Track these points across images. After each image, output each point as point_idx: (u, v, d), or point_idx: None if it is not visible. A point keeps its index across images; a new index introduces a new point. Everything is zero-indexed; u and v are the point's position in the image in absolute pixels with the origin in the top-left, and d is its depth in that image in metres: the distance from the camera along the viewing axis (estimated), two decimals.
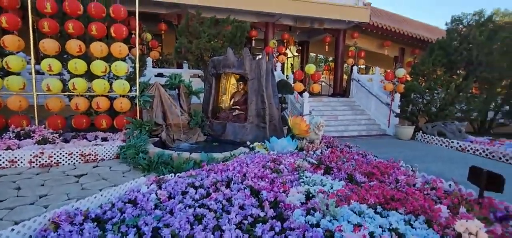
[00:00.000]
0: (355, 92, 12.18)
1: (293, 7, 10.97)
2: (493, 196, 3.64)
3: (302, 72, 9.49)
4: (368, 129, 10.34)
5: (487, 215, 3.35)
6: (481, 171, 3.81)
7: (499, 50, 9.48)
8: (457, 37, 9.88)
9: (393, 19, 15.47)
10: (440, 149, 8.41)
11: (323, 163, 4.74)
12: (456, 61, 9.76)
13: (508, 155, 7.09)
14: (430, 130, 9.57)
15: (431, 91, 9.99)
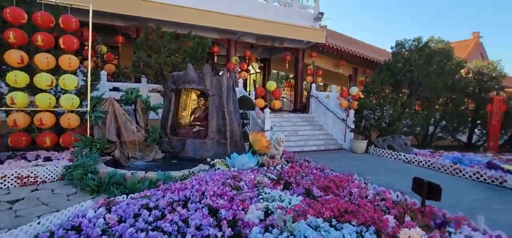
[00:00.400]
0: (314, 109, 12.73)
1: (255, 26, 11.29)
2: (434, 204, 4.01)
3: (264, 89, 9.71)
4: (326, 144, 10.81)
5: (429, 222, 3.65)
6: (423, 182, 4.17)
7: (435, 72, 10.69)
8: (401, 60, 10.97)
9: (347, 41, 16.68)
10: (390, 161, 9.08)
11: (282, 178, 4.82)
12: (401, 81, 10.77)
13: (445, 166, 7.89)
14: (381, 143, 10.31)
15: (381, 108, 10.85)
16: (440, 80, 10.84)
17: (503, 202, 5.44)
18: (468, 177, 7.24)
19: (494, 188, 6.50)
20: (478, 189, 6.32)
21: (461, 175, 7.41)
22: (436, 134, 13.80)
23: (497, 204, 5.31)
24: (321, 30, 12.39)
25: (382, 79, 11.03)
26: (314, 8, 12.75)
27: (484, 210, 4.95)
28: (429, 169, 8.23)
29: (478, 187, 6.51)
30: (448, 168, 7.76)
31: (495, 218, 4.61)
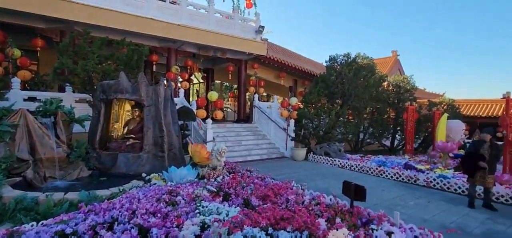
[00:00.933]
0: (257, 119, 13.00)
1: (196, 36, 11.12)
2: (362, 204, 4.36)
3: (205, 99, 9.55)
4: (269, 152, 11.08)
5: (356, 222, 3.95)
6: (351, 185, 4.52)
7: (362, 85, 11.95)
8: (334, 73, 11.98)
9: (287, 54, 17.60)
10: (326, 167, 9.73)
11: (222, 190, 4.73)
12: (334, 93, 11.74)
13: (372, 169, 8.76)
14: (319, 150, 11.01)
15: (318, 117, 11.61)
16: (366, 92, 12.14)
17: (416, 198, 6.25)
18: (390, 178, 8.16)
19: (410, 186, 7.44)
20: (398, 187, 7.16)
21: (385, 176, 8.31)
22: (366, 140, 15.32)
23: (412, 200, 6.07)
24: (263, 43, 12.83)
25: (318, 90, 11.86)
26: (255, 21, 13.16)
27: (401, 206, 5.61)
28: (359, 172, 9.05)
29: (398, 186, 7.37)
30: (374, 171, 8.63)
31: (410, 212, 5.24)
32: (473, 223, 4.79)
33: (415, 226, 3.75)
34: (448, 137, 13.06)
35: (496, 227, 4.66)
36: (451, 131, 13.01)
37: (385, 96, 15.28)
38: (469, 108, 24.14)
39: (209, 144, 8.40)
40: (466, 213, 5.32)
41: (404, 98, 15.98)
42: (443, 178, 7.12)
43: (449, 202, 6.02)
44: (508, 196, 6.00)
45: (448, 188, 6.92)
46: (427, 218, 5.01)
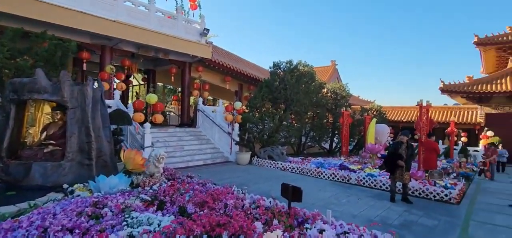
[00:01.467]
0: (201, 123, 12.69)
1: (134, 34, 10.39)
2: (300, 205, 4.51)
3: (143, 102, 8.93)
4: (213, 157, 10.88)
5: (292, 222, 4.07)
6: (288, 187, 4.66)
7: (303, 91, 12.60)
8: (277, 79, 12.38)
9: (233, 58, 17.65)
10: (269, 170, 9.94)
11: (157, 198, 4.44)
12: (278, 98, 12.13)
13: (311, 170, 9.23)
14: (262, 154, 11.20)
15: (262, 122, 11.83)
16: (307, 98, 12.83)
17: (348, 195, 6.75)
18: (327, 178, 8.70)
19: (343, 185, 8.02)
20: (333, 187, 7.66)
21: (322, 177, 8.83)
22: (307, 143, 16.15)
23: (344, 198, 6.54)
24: (207, 46, 12.63)
25: (262, 95, 12.12)
26: (200, 23, 12.88)
27: (335, 204, 5.99)
28: (300, 174, 9.45)
29: (333, 185, 7.88)
30: (313, 172, 9.11)
31: (342, 210, 5.62)
32: (393, 216, 5.35)
33: (344, 222, 4.00)
34: (376, 139, 14.56)
35: (410, 218, 5.28)
36: (379, 134, 14.54)
37: (324, 102, 16.37)
38: (394, 114, 27.38)
39: (147, 150, 7.86)
40: (388, 207, 5.92)
41: (340, 104, 17.34)
42: (371, 176, 7.87)
43: (375, 198, 6.64)
44: (421, 190, 6.89)
45: (375, 185, 7.65)
46: (356, 213, 5.43)
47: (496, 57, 22.33)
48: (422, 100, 9.71)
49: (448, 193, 6.50)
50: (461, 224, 5.09)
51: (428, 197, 6.76)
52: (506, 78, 18.85)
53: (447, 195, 6.51)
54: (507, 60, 21.37)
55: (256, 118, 11.72)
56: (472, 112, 23.93)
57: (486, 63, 23.91)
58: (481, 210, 6.04)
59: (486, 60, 23.22)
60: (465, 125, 23.75)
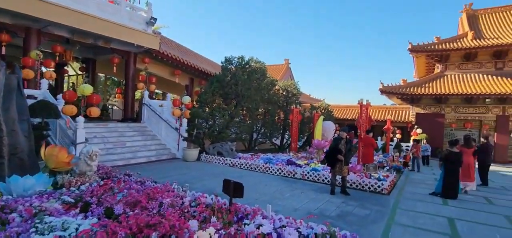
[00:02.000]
0: (147, 118, 11.94)
1: (68, 17, 9.27)
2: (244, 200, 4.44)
3: (75, 93, 8.02)
4: (159, 154, 10.31)
5: (232, 219, 3.98)
6: (230, 183, 4.56)
7: (255, 87, 12.65)
8: (228, 74, 12.21)
9: (184, 51, 16.97)
10: (218, 167, 9.76)
11: (82, 199, 3.98)
12: (229, 93, 11.96)
13: (259, 166, 9.29)
14: (212, 150, 10.97)
15: (213, 117, 11.57)
16: (258, 94, 12.90)
17: (292, 190, 6.93)
18: (274, 173, 8.84)
19: (289, 179, 8.23)
20: (279, 182, 7.80)
21: (270, 172, 8.95)
22: (258, 139, 16.31)
23: (288, 192, 6.69)
24: (155, 36, 11.89)
25: (213, 90, 11.85)
26: (146, 11, 12.05)
27: (279, 199, 6.08)
28: (248, 170, 9.46)
29: (279, 180, 8.03)
30: (261, 168, 9.18)
31: (284, 203, 5.72)
32: (331, 207, 5.61)
33: (283, 216, 4.04)
34: (323, 136, 15.32)
35: (347, 209, 5.59)
36: (325, 131, 15.32)
37: (276, 99, 16.70)
38: (340, 112, 29.27)
39: (80, 147, 7.08)
40: (328, 199, 6.21)
41: (291, 101, 17.87)
42: (315, 171, 8.20)
43: (317, 191, 6.93)
44: (358, 183, 7.39)
45: (318, 179, 8.00)
46: (298, 207, 5.57)
47: (426, 63, 25.19)
48: (362, 100, 10.45)
49: (381, 185, 7.07)
50: (389, 212, 5.55)
51: (364, 189, 7.27)
52: (433, 82, 21.36)
53: (379, 187, 7.08)
54: (435, 66, 24.26)
55: (206, 113, 11.41)
56: (405, 111, 26.73)
57: (418, 68, 26.85)
58: (407, 199, 6.69)
59: (418, 65, 26.06)
60: (400, 123, 26.42)
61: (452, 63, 22.39)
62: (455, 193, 6.93)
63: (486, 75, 20.46)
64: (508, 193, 8.37)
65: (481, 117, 20.28)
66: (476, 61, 21.54)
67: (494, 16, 24.37)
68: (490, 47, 19.87)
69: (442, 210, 5.94)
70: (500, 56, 20.55)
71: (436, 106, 21.27)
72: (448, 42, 21.61)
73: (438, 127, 20.50)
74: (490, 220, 5.42)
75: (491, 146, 9.21)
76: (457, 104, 20.71)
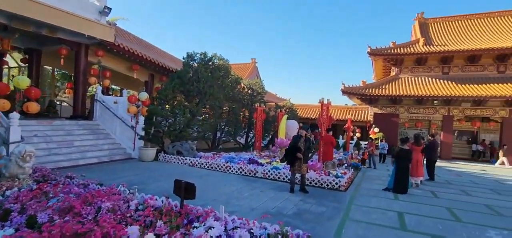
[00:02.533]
0: (100, 115, 11.06)
1: (3, 0, 8.20)
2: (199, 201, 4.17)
3: (8, 86, 7.07)
4: (111, 154, 9.57)
5: (181, 222, 3.71)
6: (181, 183, 4.27)
7: (218, 84, 12.33)
8: (190, 71, 11.75)
9: (144, 45, 16.08)
10: (176, 167, 9.31)
11: (2, 207, 3.43)
12: (190, 90, 11.51)
13: (220, 165, 9.03)
14: (171, 149, 10.46)
15: (174, 115, 11.04)
16: (222, 92, 12.61)
17: (251, 189, 6.79)
18: (235, 173, 8.65)
19: (250, 178, 8.08)
20: (239, 181, 7.61)
21: (230, 172, 8.73)
22: (222, 138, 16.01)
23: (247, 191, 6.53)
24: (109, 27, 11.01)
25: (173, 87, 11.32)
26: (99, 0, 11.13)
27: (236, 199, 5.89)
28: (209, 169, 9.15)
29: (240, 179, 7.85)
30: (222, 167, 8.93)
31: (242, 203, 5.55)
32: (289, 206, 5.56)
33: (236, 217, 3.87)
34: (287, 135, 15.45)
35: (304, 207, 5.58)
36: (289, 129, 15.46)
37: (240, 97, 16.52)
38: (304, 111, 29.99)
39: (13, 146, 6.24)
40: (287, 198, 6.16)
41: (256, 100, 17.82)
42: (276, 169, 8.15)
43: (277, 189, 6.86)
44: (317, 180, 7.47)
45: (279, 178, 7.96)
46: (256, 206, 5.43)
47: (383, 66, 26.75)
48: (323, 99, 10.66)
49: (338, 182, 7.21)
50: (344, 208, 5.64)
51: (323, 186, 7.38)
52: (389, 84, 22.71)
53: (337, 184, 7.22)
54: (391, 69, 25.85)
55: (165, 111, 10.86)
56: (365, 111, 28.16)
57: (376, 71, 28.43)
58: (362, 195, 6.90)
59: (376, 68, 27.59)
60: (360, 122, 27.79)
61: (406, 67, 24.00)
62: (406, 188, 7.31)
63: (435, 79, 22.24)
64: (451, 186, 9.07)
65: (430, 118, 22.00)
66: (426, 65, 23.33)
67: (443, 25, 26.64)
68: (438, 53, 21.63)
69: (393, 204, 6.20)
70: (446, 61, 22.47)
71: (392, 107, 22.64)
72: (402, 47, 23.12)
73: (393, 126, 21.86)
74: (435, 212, 5.75)
75: (437, 143, 9.92)
76: (409, 105, 22.23)
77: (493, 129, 21.53)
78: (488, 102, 20.05)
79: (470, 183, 10.19)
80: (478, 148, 22.15)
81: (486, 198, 7.53)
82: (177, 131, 11.04)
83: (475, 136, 22.89)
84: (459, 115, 20.99)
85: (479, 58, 21.52)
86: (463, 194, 7.89)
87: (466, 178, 11.65)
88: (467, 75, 21.91)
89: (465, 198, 7.35)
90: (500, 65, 21.26)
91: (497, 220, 5.52)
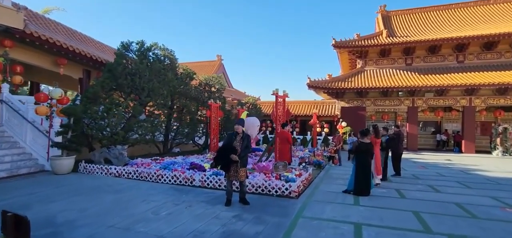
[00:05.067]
0: (7, 119, 8.94)
1: None
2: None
3: None
4: (15, 167, 7.58)
5: None
6: (6, 216, 2.69)
7: (159, 79, 10.58)
8: (123, 63, 9.93)
9: (76, 37, 13.89)
10: (99, 178, 7.54)
11: None
12: (122, 86, 9.70)
13: (150, 174, 7.39)
14: (98, 157, 8.65)
15: (102, 116, 9.19)
16: (165, 87, 10.89)
17: (177, 204, 5.27)
18: (168, 182, 7.07)
19: (184, 188, 6.54)
20: (167, 194, 6.06)
21: (163, 181, 7.14)
22: (176, 140, 14.24)
23: (168, 208, 5.00)
24: (14, 11, 8.91)
25: (103, 82, 9.47)
26: None
27: (147, 221, 4.34)
28: (138, 179, 7.47)
29: (170, 191, 6.29)
30: (152, 176, 7.30)
31: (149, 229, 4.02)
32: (214, 227, 4.13)
33: None
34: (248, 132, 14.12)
35: (235, 226, 4.18)
36: (249, 127, 14.02)
37: (195, 94, 14.86)
38: (269, 107, 28.75)
39: None
40: (217, 214, 4.73)
41: (215, 97, 16.23)
42: (217, 175, 6.70)
43: (210, 202, 5.41)
44: (264, 186, 6.12)
45: (220, 186, 6.52)
46: (167, 231, 3.94)
47: (349, 59, 26.30)
48: (278, 90, 9.37)
49: (288, 187, 5.91)
50: (288, 225, 4.32)
51: (271, 193, 6.04)
52: (354, 77, 22.15)
53: (287, 189, 5.91)
54: (356, 62, 25.43)
55: (92, 111, 8.97)
56: (332, 106, 27.59)
57: (342, 64, 27.98)
58: (316, 202, 5.64)
59: (342, 61, 27.11)
60: (327, 117, 27.16)
61: (370, 59, 23.64)
62: (368, 188, 6.19)
63: (399, 70, 22.02)
64: (418, 182, 8.18)
65: (395, 109, 21.73)
66: (390, 57, 23.10)
67: (405, 17, 26.71)
68: (400, 44, 21.37)
69: (351, 213, 4.99)
70: (409, 52, 22.34)
71: (358, 100, 22.12)
72: (366, 39, 22.68)
73: (361, 119, 21.30)
74: (400, 220, 4.62)
75: (403, 134, 9.03)
76: (375, 98, 21.83)
77: (455, 118, 21.72)
78: (450, 92, 20.10)
79: (437, 176, 9.43)
80: (442, 138, 22.29)
81: (455, 194, 6.63)
82: (109, 134, 9.21)
83: (439, 126, 23.06)
84: (423, 105, 20.90)
85: (439, 49, 21.59)
86: (431, 191, 6.96)
87: (433, 169, 10.99)
88: (429, 65, 21.94)
89: (434, 196, 6.38)
90: (459, 54, 21.46)
91: (473, 225, 4.49)
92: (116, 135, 9.23)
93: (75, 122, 8.91)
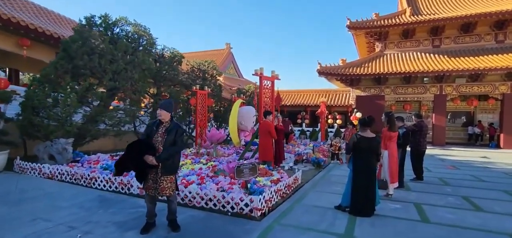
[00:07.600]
0: None
1: None
2: None
3: None
4: None
5: None
6: None
7: (126, 60, 8.91)
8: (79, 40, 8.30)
9: (50, 17, 12.55)
10: (30, 179, 6.01)
11: None
12: (80, 67, 8.12)
13: (84, 176, 5.74)
14: (42, 152, 7.17)
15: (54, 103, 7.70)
16: (137, 70, 9.23)
17: (72, 227, 3.53)
18: (102, 187, 5.38)
19: (113, 198, 4.82)
20: (83, 206, 4.36)
21: (97, 185, 5.46)
22: None
23: (55, 235, 3.28)
24: None
25: (56, 64, 7.97)
26: None
27: None
28: (70, 182, 5.84)
29: (91, 202, 4.59)
30: (86, 179, 5.65)
31: None
32: None
33: None
34: (241, 124, 12.23)
35: None
36: (243, 118, 12.16)
37: (185, 79, 13.20)
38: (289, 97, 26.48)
39: None
40: None
41: (209, 84, 14.50)
42: None
43: (127, 224, 3.65)
44: (216, 199, 4.25)
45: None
46: None
47: (366, 43, 23.50)
48: (262, 69, 7.37)
49: (249, 202, 4.00)
50: None
51: (225, 209, 4.17)
52: (372, 62, 19.56)
53: (247, 205, 4.02)
54: (375, 46, 22.65)
55: (41, 97, 7.49)
56: (346, 95, 24.99)
57: (359, 49, 25.20)
58: (287, 228, 3.70)
59: (359, 45, 24.35)
60: (341, 107, 24.64)
61: (391, 42, 20.84)
62: (371, 205, 4.16)
63: (424, 53, 19.16)
64: (447, 191, 5.97)
65: (419, 98, 18.97)
66: (414, 38, 20.19)
67: None
68: (427, 22, 18.43)
69: None
70: (436, 33, 19.35)
71: (376, 87, 19.56)
72: (386, 18, 19.88)
73: (379, 109, 18.73)
74: None
75: (425, 125, 6.81)
76: (396, 85, 19.17)
77: (492, 107, 18.59)
78: (487, 77, 17.07)
79: (473, 180, 7.13)
80: (475, 131, 19.25)
81: (506, 215, 4.43)
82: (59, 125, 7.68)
83: (472, 117, 19.99)
84: (453, 93, 18.00)
85: (474, 27, 18.43)
86: (469, 207, 4.78)
87: (466, 171, 8.63)
88: (461, 47, 18.86)
89: (473, 220, 4.22)
90: (498, 33, 18.21)
91: None
92: (69, 125, 7.71)
93: (24, 110, 7.50)
